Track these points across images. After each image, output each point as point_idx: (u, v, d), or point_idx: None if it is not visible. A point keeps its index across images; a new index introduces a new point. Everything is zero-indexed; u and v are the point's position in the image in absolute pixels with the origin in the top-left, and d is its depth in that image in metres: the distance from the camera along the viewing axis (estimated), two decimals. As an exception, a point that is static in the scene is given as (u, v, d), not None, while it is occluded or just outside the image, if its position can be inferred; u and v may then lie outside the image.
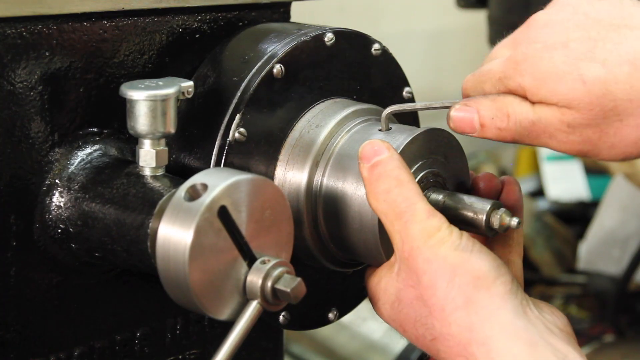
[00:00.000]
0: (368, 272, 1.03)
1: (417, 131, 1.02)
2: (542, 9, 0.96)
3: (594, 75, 0.90)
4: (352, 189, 1.02)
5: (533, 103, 0.93)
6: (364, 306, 1.21)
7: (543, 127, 0.93)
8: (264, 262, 0.92)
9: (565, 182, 2.91)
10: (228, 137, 1.03)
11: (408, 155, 1.00)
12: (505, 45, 0.97)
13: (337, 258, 1.08)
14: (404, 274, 0.96)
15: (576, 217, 2.84)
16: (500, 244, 1.03)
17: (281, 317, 1.09)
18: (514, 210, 1.02)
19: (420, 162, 1.02)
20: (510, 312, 0.92)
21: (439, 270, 0.93)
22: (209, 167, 1.03)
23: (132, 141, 1.03)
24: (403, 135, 1.01)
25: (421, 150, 1.02)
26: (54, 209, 1.01)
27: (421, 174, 1.02)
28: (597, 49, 0.90)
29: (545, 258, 2.69)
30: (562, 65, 0.91)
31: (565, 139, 0.93)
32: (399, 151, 0.99)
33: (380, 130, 1.03)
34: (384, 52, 1.14)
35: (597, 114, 0.90)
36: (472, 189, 1.06)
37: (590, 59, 0.90)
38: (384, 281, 0.99)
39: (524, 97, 0.94)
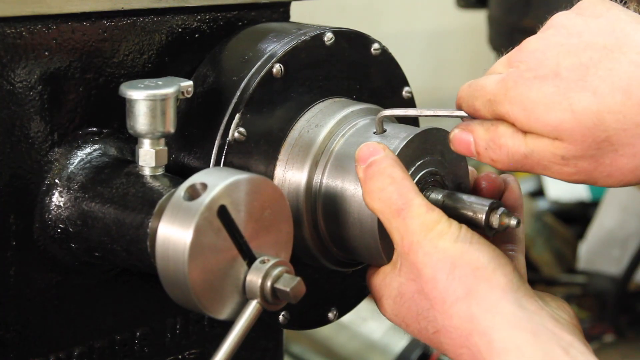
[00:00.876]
0: (371, 271, 1.03)
1: (412, 134, 1.01)
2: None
3: (584, 105, 0.87)
4: (351, 189, 1.02)
5: (525, 133, 0.91)
6: (364, 306, 1.22)
7: (537, 160, 0.91)
8: (263, 262, 0.92)
9: (565, 182, 2.90)
10: (227, 136, 1.03)
11: (405, 157, 0.99)
12: (502, 63, 0.95)
13: (336, 257, 1.08)
14: (405, 269, 0.97)
15: (576, 217, 2.84)
16: (502, 240, 1.03)
17: (281, 316, 1.09)
18: (513, 209, 1.02)
19: (417, 163, 1.02)
20: (511, 302, 0.92)
21: (439, 262, 0.93)
22: (209, 166, 1.03)
23: (132, 141, 1.03)
24: (398, 139, 1.01)
25: (417, 152, 1.02)
26: (53, 209, 1.01)
27: (419, 175, 1.02)
28: (588, 77, 0.87)
29: (545, 258, 2.68)
30: (552, 96, 0.88)
31: (560, 170, 0.91)
32: (395, 154, 0.99)
33: (375, 133, 1.03)
34: (384, 51, 1.14)
35: (590, 145, 0.88)
36: (471, 185, 1.06)
37: (582, 87, 0.87)
38: (388, 278, 0.99)
39: (514, 126, 0.91)
